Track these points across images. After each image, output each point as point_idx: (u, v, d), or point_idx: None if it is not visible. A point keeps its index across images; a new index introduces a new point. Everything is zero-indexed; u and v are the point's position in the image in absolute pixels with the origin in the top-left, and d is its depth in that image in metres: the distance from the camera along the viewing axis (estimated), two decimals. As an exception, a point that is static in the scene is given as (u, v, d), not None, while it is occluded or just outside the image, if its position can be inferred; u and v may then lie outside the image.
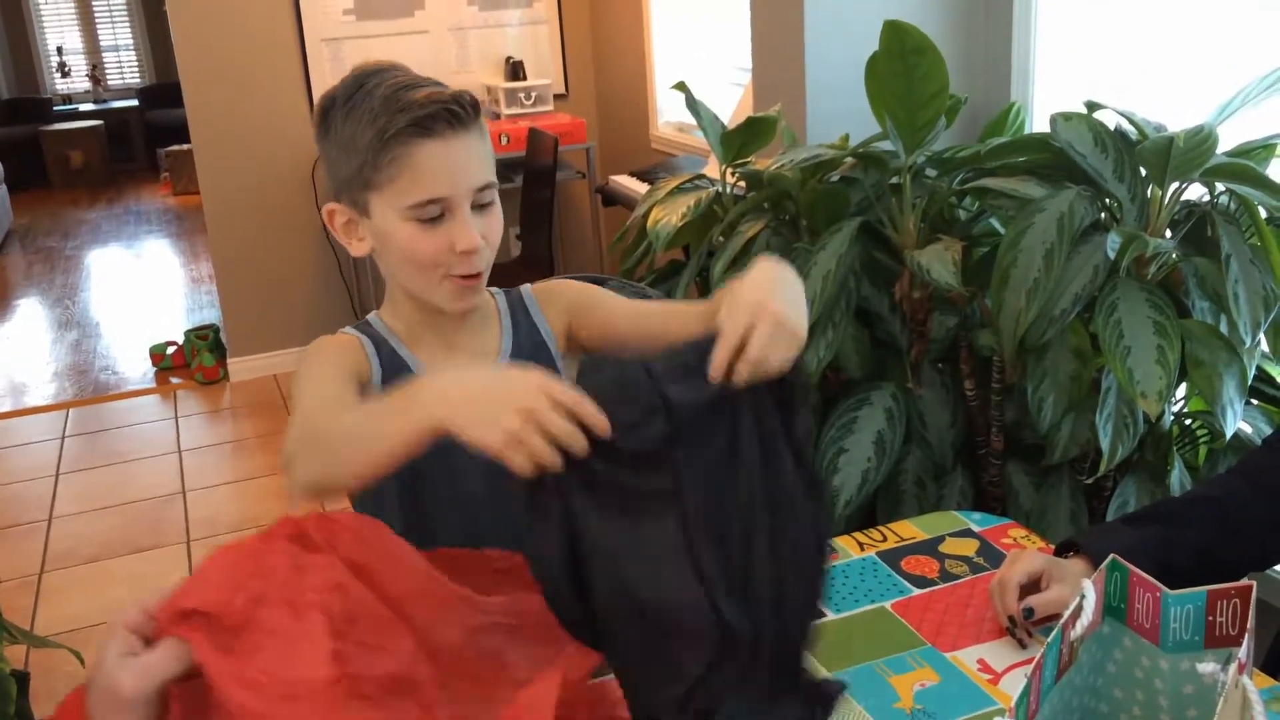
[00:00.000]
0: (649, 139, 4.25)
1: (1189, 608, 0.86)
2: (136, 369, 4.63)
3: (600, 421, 0.81)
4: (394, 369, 1.17)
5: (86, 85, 9.71)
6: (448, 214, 1.09)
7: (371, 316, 1.22)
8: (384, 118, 1.06)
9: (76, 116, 9.25)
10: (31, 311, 5.82)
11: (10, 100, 9.34)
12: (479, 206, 1.11)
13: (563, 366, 1.28)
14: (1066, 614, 0.84)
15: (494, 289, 1.28)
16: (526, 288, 1.30)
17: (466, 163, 1.09)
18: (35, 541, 3.16)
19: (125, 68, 9.90)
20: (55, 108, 9.38)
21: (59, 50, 9.67)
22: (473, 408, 0.83)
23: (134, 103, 9.52)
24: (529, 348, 1.25)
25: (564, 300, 1.28)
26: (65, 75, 9.69)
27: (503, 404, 0.81)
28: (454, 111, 1.07)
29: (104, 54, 9.81)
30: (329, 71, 4.22)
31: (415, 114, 1.05)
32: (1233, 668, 0.77)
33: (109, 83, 9.80)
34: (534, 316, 1.27)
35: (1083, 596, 0.85)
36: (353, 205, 1.12)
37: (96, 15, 9.70)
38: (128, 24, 9.77)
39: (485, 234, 1.12)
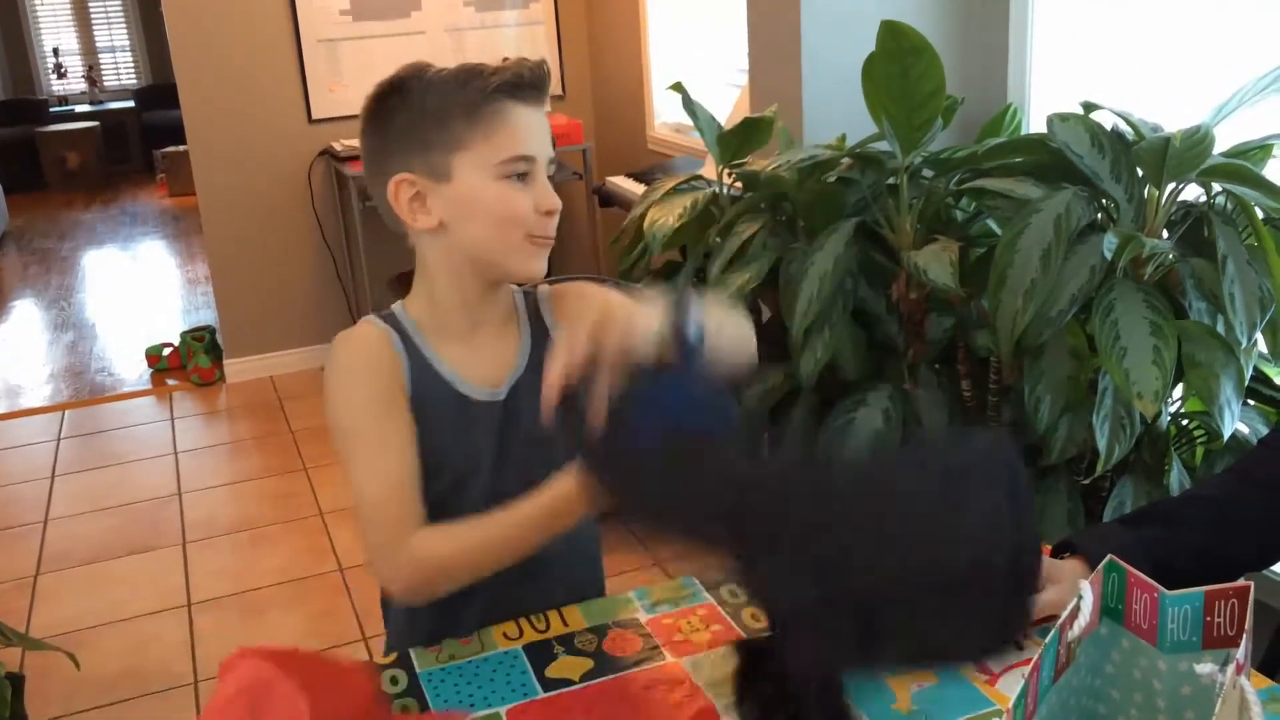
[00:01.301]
0: (646, 140, 4.25)
1: (1186, 608, 0.86)
2: (132, 370, 4.63)
3: None
4: (418, 361, 1.17)
5: (83, 86, 9.70)
6: (531, 177, 1.14)
7: (397, 308, 1.21)
8: (477, 80, 1.12)
9: (72, 118, 9.24)
10: (27, 313, 5.81)
11: (6, 101, 9.32)
12: (549, 179, 1.16)
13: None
14: (1064, 615, 0.84)
15: (514, 287, 1.27)
16: (545, 289, 1.29)
17: (546, 131, 1.15)
18: (31, 543, 3.16)
19: (121, 69, 9.89)
20: (51, 109, 9.38)
21: (55, 51, 9.66)
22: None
23: (130, 104, 9.52)
24: (544, 356, 1.19)
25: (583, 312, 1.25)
26: (61, 76, 9.68)
27: None
28: (538, 80, 1.14)
29: (100, 55, 9.81)
30: (325, 72, 4.22)
31: (508, 76, 1.12)
32: (1231, 668, 0.77)
33: (105, 84, 9.79)
34: (546, 321, 1.27)
35: (1080, 597, 0.85)
36: (429, 173, 1.13)
37: (93, 16, 9.69)
38: (124, 25, 9.77)
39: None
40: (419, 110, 1.13)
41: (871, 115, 1.91)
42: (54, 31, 9.66)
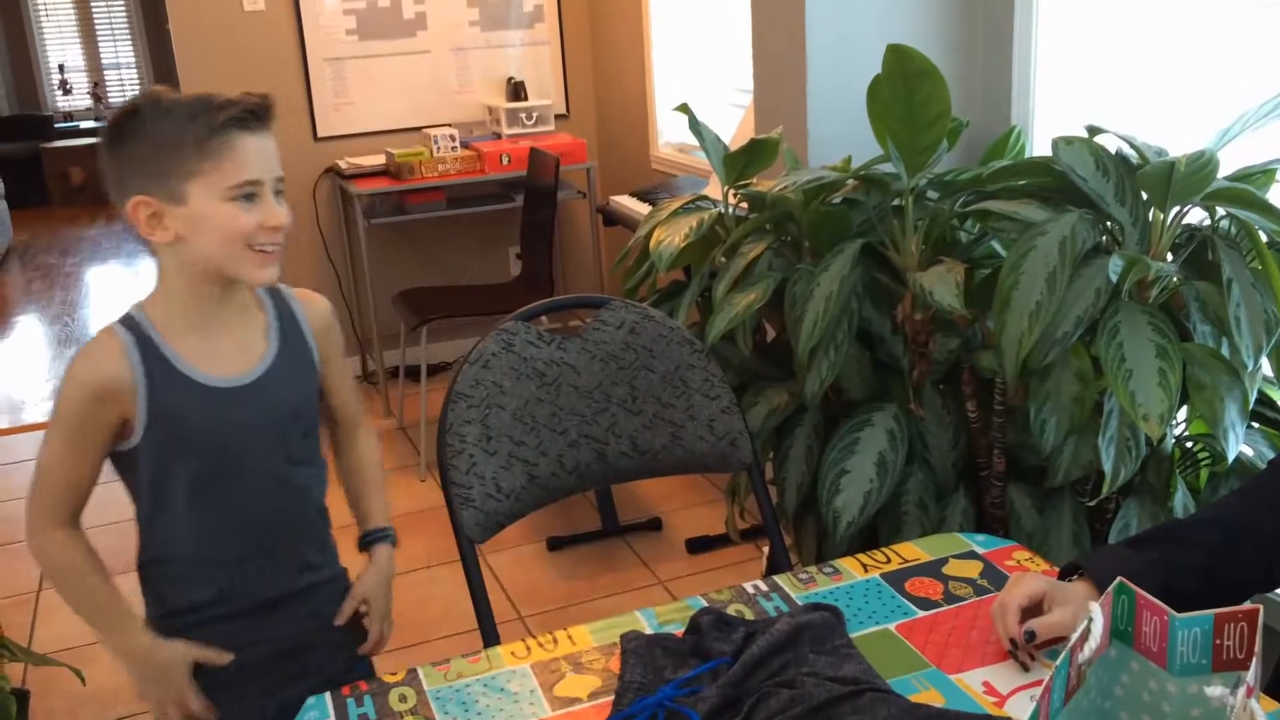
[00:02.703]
0: (649, 159, 4.26)
1: (1196, 631, 0.87)
2: (135, 386, 4.62)
3: None
4: (156, 363, 1.30)
5: (88, 103, 9.74)
6: (258, 197, 1.28)
7: (135, 311, 1.33)
8: (205, 115, 1.24)
9: (77, 134, 9.28)
10: (31, 328, 5.82)
11: (11, 117, 9.36)
12: (276, 194, 1.30)
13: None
14: (1074, 637, 0.84)
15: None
16: (287, 289, 1.46)
17: (272, 154, 1.30)
18: (32, 559, 3.15)
19: (127, 85, 9.93)
20: (56, 125, 9.41)
21: (60, 68, 9.71)
22: (138, 683, 1.39)
23: (135, 120, 9.53)
24: (295, 347, 1.42)
25: (324, 325, 1.48)
26: (67, 93, 9.72)
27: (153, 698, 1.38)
28: (264, 109, 1.28)
29: (105, 71, 9.85)
30: (331, 90, 4.24)
31: (235, 111, 1.25)
32: (1241, 691, 0.77)
33: (110, 100, 9.83)
34: (299, 319, 1.44)
35: (1090, 619, 0.85)
36: (165, 196, 1.26)
37: (98, 33, 9.74)
38: (129, 42, 9.81)
39: (287, 216, 1.31)
40: (154, 140, 1.25)
41: (876, 137, 1.92)
42: (59, 47, 9.71)
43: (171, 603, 1.40)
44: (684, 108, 2.23)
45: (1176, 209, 1.71)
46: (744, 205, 2.19)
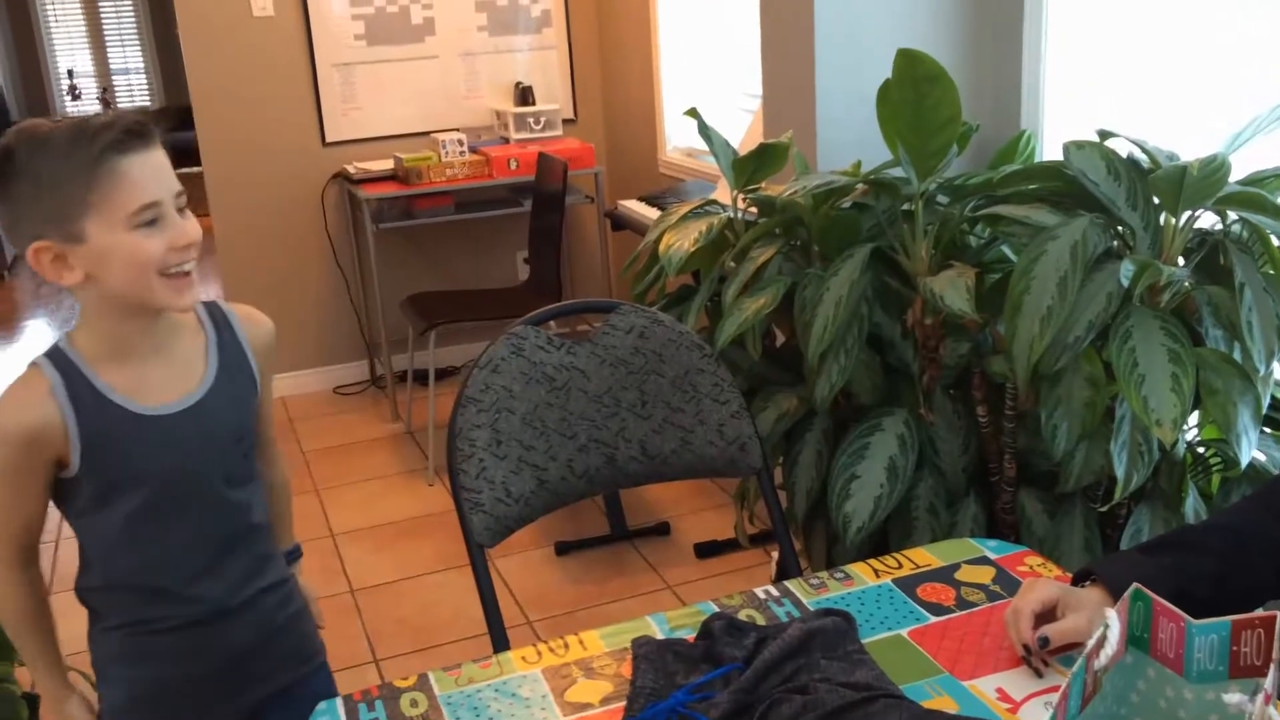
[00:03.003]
0: (657, 164, 4.27)
1: (1213, 638, 0.86)
2: (144, 390, 4.63)
3: None
4: (87, 399, 1.24)
5: (97, 108, 9.77)
6: (160, 219, 1.20)
7: (63, 343, 1.27)
8: (83, 146, 1.16)
9: (86, 139, 9.29)
10: (40, 333, 5.84)
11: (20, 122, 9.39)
12: (180, 209, 1.23)
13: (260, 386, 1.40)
14: (1090, 644, 0.84)
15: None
16: (226, 305, 1.39)
17: (164, 170, 1.21)
18: (43, 563, 3.15)
19: (135, 91, 9.97)
20: (65, 130, 9.43)
21: (70, 73, 9.74)
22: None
23: (143, 125, 9.57)
24: (234, 366, 1.36)
25: (264, 344, 1.41)
26: (76, 98, 9.76)
27: None
28: (142, 127, 1.19)
29: (114, 77, 9.88)
30: (339, 96, 4.25)
31: (113, 135, 1.16)
32: (1259, 698, 0.77)
33: (119, 106, 9.86)
34: (239, 336, 1.38)
35: (1106, 626, 0.85)
36: (64, 237, 1.18)
37: (107, 38, 9.78)
38: (138, 47, 9.85)
39: (195, 231, 1.24)
40: (36, 180, 1.17)
41: (886, 142, 1.92)
42: (69, 53, 9.75)
43: (114, 619, 1.36)
44: (693, 112, 2.23)
45: (1188, 213, 1.70)
46: (753, 210, 2.18)
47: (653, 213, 3.39)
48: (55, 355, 1.26)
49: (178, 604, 1.34)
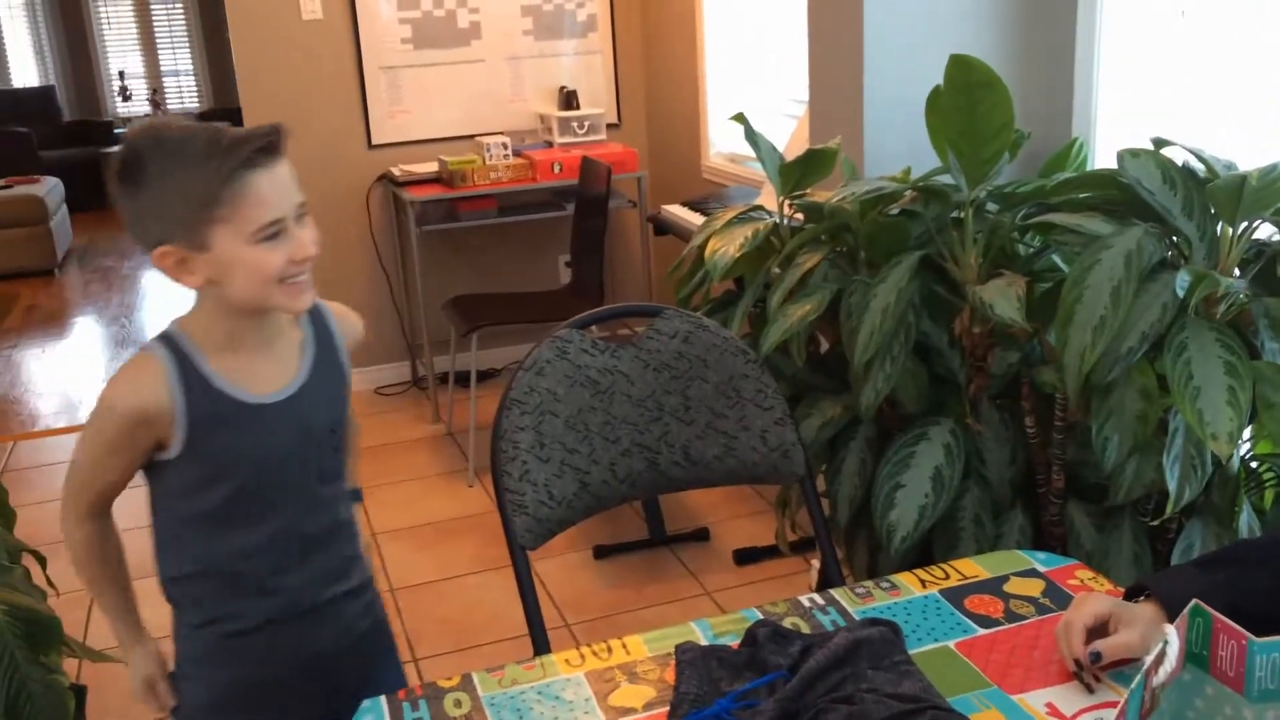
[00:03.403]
0: (700, 169, 4.26)
1: (1276, 656, 0.84)
2: (189, 388, 4.69)
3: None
4: (196, 385, 1.28)
5: (147, 109, 9.92)
6: (283, 233, 1.23)
7: (175, 329, 1.31)
8: (217, 159, 1.18)
9: (136, 139, 9.42)
10: (88, 329, 5.93)
11: (73, 123, 9.56)
12: (299, 219, 1.26)
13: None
14: (1148, 660, 0.82)
15: None
16: (324, 304, 1.43)
17: (289, 183, 1.24)
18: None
19: (185, 92, 10.11)
20: (116, 130, 9.59)
21: (121, 74, 9.90)
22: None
23: (192, 126, 9.69)
24: (329, 360, 1.40)
25: (355, 340, 1.46)
26: (126, 99, 9.91)
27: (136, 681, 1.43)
28: (274, 143, 1.22)
29: (164, 79, 10.03)
30: (386, 98, 4.29)
31: (246, 151, 1.19)
32: (1325, 720, 0.75)
33: (168, 107, 10.00)
34: (334, 335, 1.42)
35: (1165, 643, 0.83)
36: (188, 245, 1.22)
37: (158, 40, 9.93)
38: (188, 49, 9.99)
39: (313, 242, 1.28)
40: (165, 188, 1.20)
41: (935, 148, 1.90)
42: (120, 55, 9.91)
43: (198, 616, 1.39)
44: (740, 117, 2.23)
45: (1245, 223, 1.67)
46: (799, 216, 2.17)
47: (696, 218, 3.39)
48: (167, 340, 1.30)
49: (259, 595, 1.36)
